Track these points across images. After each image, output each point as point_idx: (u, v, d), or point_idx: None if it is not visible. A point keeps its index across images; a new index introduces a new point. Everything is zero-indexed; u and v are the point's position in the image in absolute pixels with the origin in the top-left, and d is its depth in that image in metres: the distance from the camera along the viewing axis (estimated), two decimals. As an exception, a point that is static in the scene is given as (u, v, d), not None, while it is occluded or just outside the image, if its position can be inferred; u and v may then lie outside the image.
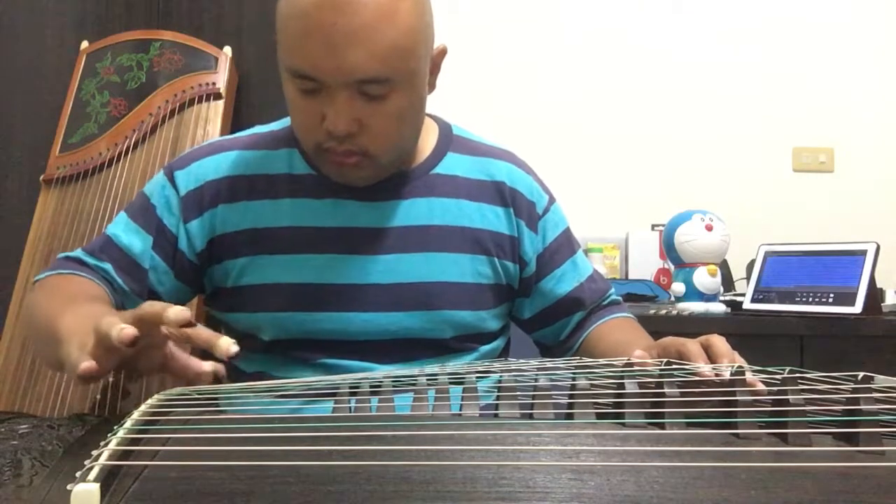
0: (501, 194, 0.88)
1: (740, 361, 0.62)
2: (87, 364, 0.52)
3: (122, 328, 0.51)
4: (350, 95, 0.71)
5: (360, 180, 0.80)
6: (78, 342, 0.56)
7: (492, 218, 0.87)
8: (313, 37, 0.69)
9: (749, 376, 0.54)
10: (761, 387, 0.55)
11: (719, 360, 0.61)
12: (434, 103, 0.83)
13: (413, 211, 0.84)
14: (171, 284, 0.84)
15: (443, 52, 0.81)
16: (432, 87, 0.82)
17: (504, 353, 0.95)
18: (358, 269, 0.81)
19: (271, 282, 0.81)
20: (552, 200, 0.94)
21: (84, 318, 0.59)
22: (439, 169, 0.87)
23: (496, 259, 0.87)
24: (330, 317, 0.81)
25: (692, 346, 0.64)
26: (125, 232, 0.83)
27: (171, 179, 0.84)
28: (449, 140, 0.90)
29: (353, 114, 0.72)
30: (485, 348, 0.89)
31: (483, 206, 0.87)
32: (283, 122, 0.88)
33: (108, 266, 0.81)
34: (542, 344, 0.99)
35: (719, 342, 0.64)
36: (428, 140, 0.88)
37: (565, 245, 0.93)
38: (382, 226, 0.83)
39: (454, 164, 0.88)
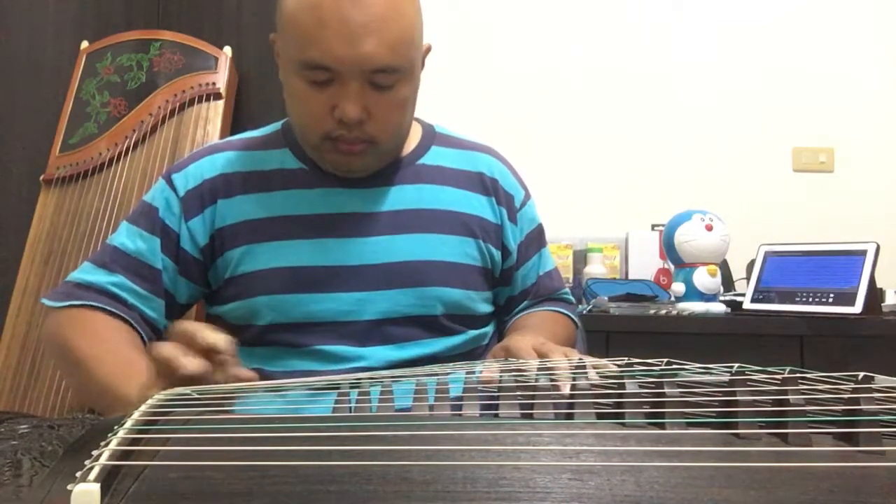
0: (484, 184, 0.94)
1: (573, 356, 0.64)
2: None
3: (191, 360, 0.57)
4: (361, 84, 0.77)
5: (362, 167, 0.85)
6: (137, 386, 0.61)
7: (477, 205, 0.92)
8: (330, 28, 0.74)
9: (562, 374, 0.55)
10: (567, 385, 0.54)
11: (550, 355, 0.65)
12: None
13: (402, 196, 0.88)
14: (182, 283, 0.86)
15: (428, 49, 0.87)
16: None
17: (493, 340, 0.97)
18: (350, 250, 0.85)
19: (267, 267, 0.84)
20: (528, 196, 0.99)
21: (132, 368, 0.69)
22: (425, 160, 0.92)
23: (482, 242, 0.91)
24: (325, 297, 0.83)
25: (522, 343, 0.68)
26: (130, 238, 0.85)
27: (170, 183, 0.87)
28: (432, 136, 0.96)
29: (363, 102, 0.77)
30: (474, 332, 0.91)
31: (469, 195, 0.92)
32: (274, 127, 0.93)
33: (120, 278, 0.83)
34: None
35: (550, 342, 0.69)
36: (413, 136, 0.93)
37: (536, 240, 0.99)
38: (373, 210, 0.87)
39: (439, 156, 0.93)
